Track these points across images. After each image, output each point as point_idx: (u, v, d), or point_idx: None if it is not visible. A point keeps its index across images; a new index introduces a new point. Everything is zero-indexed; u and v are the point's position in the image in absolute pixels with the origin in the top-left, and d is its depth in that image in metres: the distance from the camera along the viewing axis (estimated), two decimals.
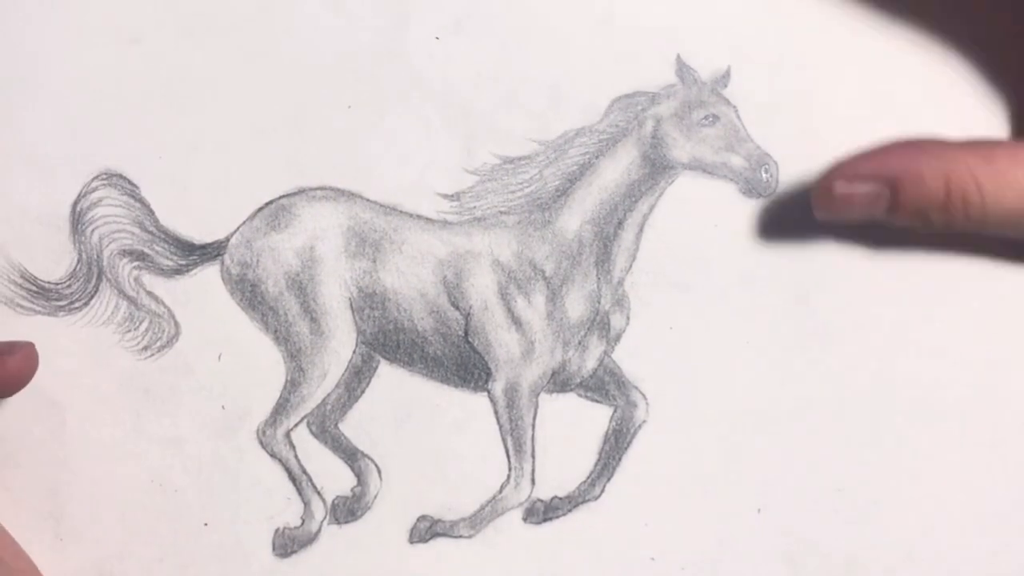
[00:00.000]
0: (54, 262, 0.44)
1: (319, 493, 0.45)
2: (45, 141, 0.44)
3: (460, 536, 0.44)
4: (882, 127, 0.44)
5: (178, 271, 0.44)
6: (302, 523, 0.44)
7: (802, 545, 0.45)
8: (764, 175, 0.44)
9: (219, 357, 0.44)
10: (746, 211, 0.45)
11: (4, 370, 0.41)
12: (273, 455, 0.44)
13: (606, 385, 0.45)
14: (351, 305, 0.45)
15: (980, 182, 0.41)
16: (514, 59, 0.44)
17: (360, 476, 0.44)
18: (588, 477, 0.44)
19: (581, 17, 0.44)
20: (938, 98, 0.45)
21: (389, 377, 0.44)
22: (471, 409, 0.45)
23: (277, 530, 0.44)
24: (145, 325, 0.44)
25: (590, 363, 0.45)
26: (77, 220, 0.44)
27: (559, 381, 0.45)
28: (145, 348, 0.44)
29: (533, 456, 0.44)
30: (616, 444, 0.44)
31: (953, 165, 0.41)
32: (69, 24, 0.44)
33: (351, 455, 0.44)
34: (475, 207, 0.44)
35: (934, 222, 0.42)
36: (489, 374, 0.45)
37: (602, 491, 0.44)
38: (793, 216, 0.44)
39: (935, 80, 0.45)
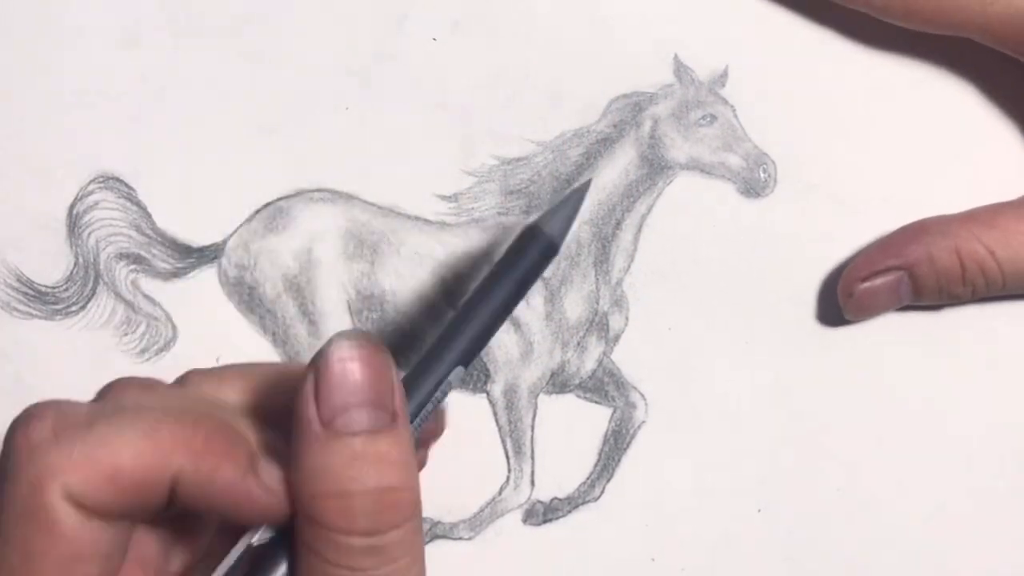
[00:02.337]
0: (51, 265, 0.44)
1: None
2: (41, 143, 0.44)
3: (460, 538, 0.44)
4: (881, 126, 0.45)
5: (175, 274, 0.44)
6: None
7: (802, 545, 0.45)
8: (762, 175, 0.44)
9: (217, 360, 0.44)
10: (744, 211, 0.45)
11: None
12: None
13: (605, 386, 0.45)
14: (349, 307, 0.44)
15: (991, 248, 0.41)
16: (511, 60, 0.44)
17: None
18: (588, 478, 0.44)
19: (578, 18, 0.44)
20: (939, 97, 0.45)
21: None
22: (470, 411, 0.44)
23: None
24: (143, 328, 0.44)
25: (589, 364, 0.45)
26: (74, 223, 0.44)
27: (558, 382, 0.45)
28: (143, 351, 0.44)
29: (533, 457, 0.44)
30: (616, 445, 0.44)
31: (960, 239, 0.42)
32: (65, 25, 0.44)
33: None
34: (473, 208, 0.44)
35: (959, 295, 0.43)
36: (488, 375, 0.44)
37: (602, 492, 0.44)
38: (792, 216, 0.44)
39: (936, 78, 0.45)
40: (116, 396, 0.34)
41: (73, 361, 0.44)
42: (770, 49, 0.45)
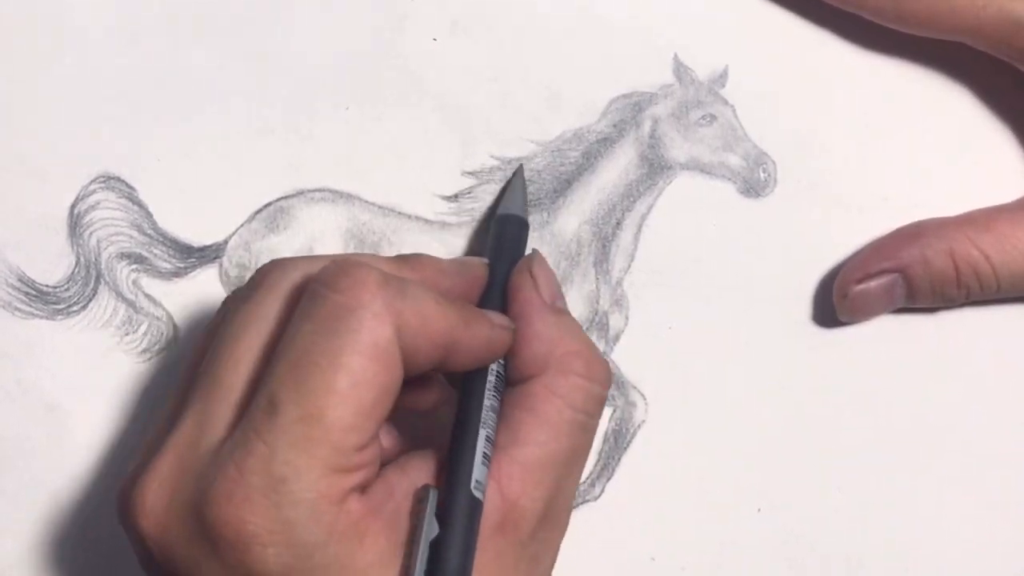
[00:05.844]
0: (52, 265, 0.44)
1: None
2: (42, 144, 0.44)
3: None
4: (880, 127, 0.45)
5: (176, 274, 0.44)
6: None
7: (802, 545, 0.45)
8: (762, 174, 0.44)
9: None
10: (744, 210, 0.45)
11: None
12: None
13: None
14: None
15: (986, 252, 0.42)
16: (511, 60, 0.44)
17: None
18: (588, 477, 0.44)
19: (578, 18, 0.44)
20: (938, 99, 0.45)
21: None
22: None
23: None
24: (144, 328, 0.44)
25: None
26: (75, 223, 0.44)
27: None
28: (144, 351, 0.44)
29: None
30: (616, 444, 0.44)
31: (955, 241, 0.42)
32: (65, 25, 0.44)
33: None
34: (473, 208, 0.44)
35: (954, 298, 0.43)
36: None
37: (602, 491, 0.44)
38: (792, 215, 0.44)
39: (936, 80, 0.45)
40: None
41: (74, 361, 0.44)
42: (770, 49, 0.45)
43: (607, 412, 0.44)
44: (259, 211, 0.44)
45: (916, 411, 0.45)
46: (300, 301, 0.35)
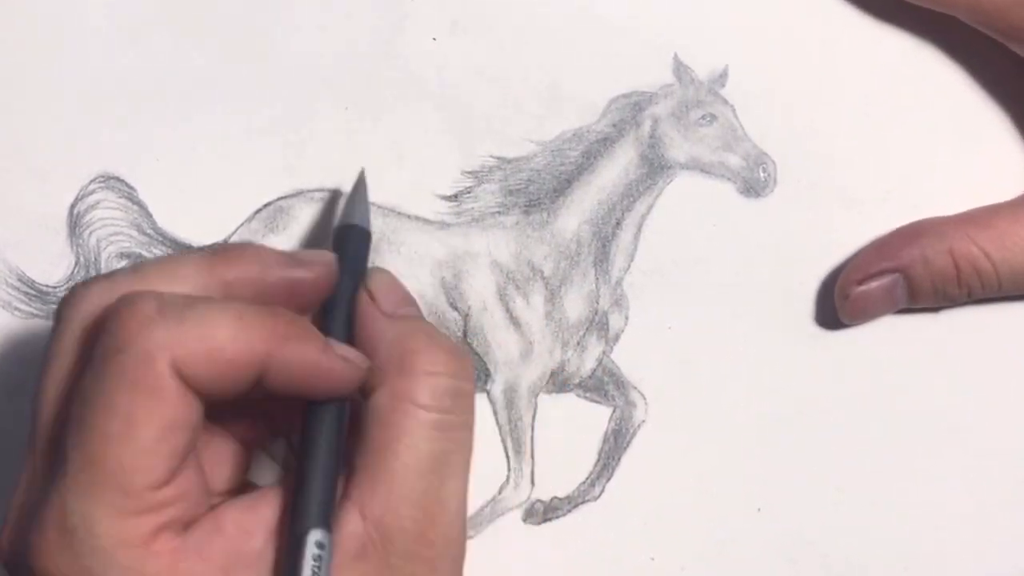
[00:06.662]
0: (52, 265, 0.44)
1: None
2: (42, 144, 0.44)
3: None
4: (881, 126, 0.45)
5: None
6: None
7: (802, 545, 0.45)
8: (762, 174, 0.44)
9: None
10: (744, 210, 0.45)
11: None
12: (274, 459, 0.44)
13: (605, 385, 0.45)
14: None
15: (986, 249, 0.41)
16: (511, 60, 0.44)
17: None
18: (588, 477, 0.44)
19: (578, 17, 0.44)
20: (938, 97, 0.45)
21: None
22: None
23: None
24: None
25: (589, 363, 0.45)
26: (75, 223, 0.44)
27: (558, 381, 0.45)
28: None
29: (532, 457, 0.44)
30: (616, 444, 0.44)
31: (955, 240, 0.42)
32: (65, 25, 0.44)
33: None
34: (473, 208, 0.44)
35: (955, 297, 0.43)
36: (488, 375, 0.45)
37: (602, 491, 0.44)
38: (792, 215, 0.44)
39: (936, 79, 0.45)
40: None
41: None
42: (770, 49, 0.45)
43: (607, 412, 0.45)
44: (259, 211, 0.44)
45: (917, 411, 0.45)
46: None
